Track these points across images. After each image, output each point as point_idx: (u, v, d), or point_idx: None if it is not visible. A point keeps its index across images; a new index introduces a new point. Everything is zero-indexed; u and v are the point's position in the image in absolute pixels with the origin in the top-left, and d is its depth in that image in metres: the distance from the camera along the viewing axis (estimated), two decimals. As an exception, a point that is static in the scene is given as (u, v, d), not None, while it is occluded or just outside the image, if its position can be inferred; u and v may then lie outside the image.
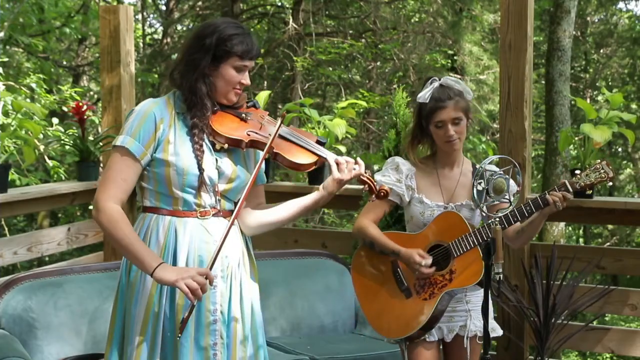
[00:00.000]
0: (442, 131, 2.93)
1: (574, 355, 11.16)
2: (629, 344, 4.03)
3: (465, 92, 2.97)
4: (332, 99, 13.43)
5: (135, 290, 2.44)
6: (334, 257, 4.27)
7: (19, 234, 4.84)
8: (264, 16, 13.57)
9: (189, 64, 2.45)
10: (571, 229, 15.65)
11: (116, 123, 4.93)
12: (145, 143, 2.40)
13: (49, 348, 3.48)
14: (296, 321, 4.05)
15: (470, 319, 3.00)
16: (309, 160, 2.51)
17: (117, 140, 2.42)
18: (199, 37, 2.45)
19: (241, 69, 2.47)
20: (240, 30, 2.46)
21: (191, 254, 2.43)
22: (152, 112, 2.43)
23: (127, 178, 2.41)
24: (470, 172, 3.05)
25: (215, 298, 2.44)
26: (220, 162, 2.48)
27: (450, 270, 2.93)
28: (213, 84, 2.45)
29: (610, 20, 15.79)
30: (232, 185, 2.50)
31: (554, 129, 8.98)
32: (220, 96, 2.48)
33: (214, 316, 2.44)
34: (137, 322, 2.42)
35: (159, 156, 2.41)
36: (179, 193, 2.43)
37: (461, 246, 2.90)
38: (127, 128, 2.42)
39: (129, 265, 2.47)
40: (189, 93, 2.45)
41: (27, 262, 8.81)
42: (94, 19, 10.81)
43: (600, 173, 2.83)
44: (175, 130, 2.44)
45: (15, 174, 6.32)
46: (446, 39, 11.75)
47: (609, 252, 4.22)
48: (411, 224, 3.03)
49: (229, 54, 2.43)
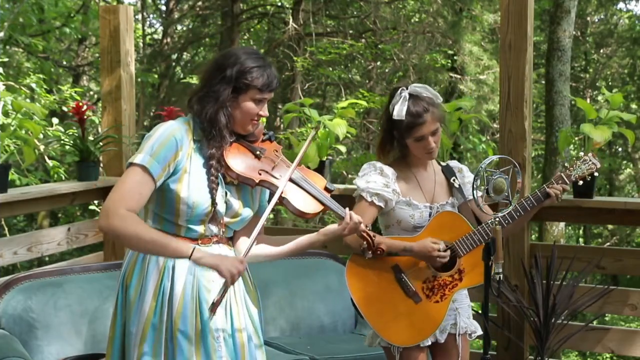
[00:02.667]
0: (422, 144, 2.92)
1: (574, 355, 11.17)
2: (629, 344, 4.02)
3: (435, 97, 2.96)
4: (332, 99, 13.44)
5: (134, 309, 2.42)
6: (334, 257, 4.27)
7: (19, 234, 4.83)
8: (264, 16, 13.57)
9: (210, 94, 2.44)
10: (571, 229, 15.66)
11: (116, 123, 4.93)
12: (164, 165, 2.38)
13: (49, 348, 3.48)
14: (296, 321, 4.05)
15: (459, 316, 3.00)
16: (316, 210, 2.53)
17: (137, 159, 2.38)
18: (220, 68, 2.45)
19: (260, 101, 2.47)
20: (261, 62, 2.46)
21: (189, 280, 2.42)
22: (174, 137, 2.41)
23: (142, 193, 2.38)
24: (440, 170, 3.07)
25: (217, 325, 2.43)
26: (230, 195, 2.48)
27: (459, 270, 2.92)
28: (231, 115, 2.46)
29: (610, 20, 15.80)
30: (236, 220, 2.52)
31: (554, 129, 8.99)
32: (238, 127, 2.49)
33: (217, 342, 2.43)
34: (136, 341, 2.40)
35: (172, 186, 2.40)
36: (184, 223, 2.43)
37: (466, 245, 2.90)
38: (148, 148, 2.39)
39: (126, 283, 2.45)
40: (208, 123, 2.44)
41: (27, 262, 8.81)
42: (94, 19, 10.81)
43: (589, 164, 3.01)
44: (191, 159, 2.43)
45: (15, 174, 6.33)
46: (446, 39, 11.76)
47: (609, 252, 4.22)
48: (396, 229, 2.98)
49: (249, 86, 2.44)
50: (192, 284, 2.42)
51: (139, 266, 2.44)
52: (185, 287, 2.41)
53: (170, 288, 2.41)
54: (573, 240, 15.95)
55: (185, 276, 2.42)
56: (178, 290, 2.41)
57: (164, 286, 2.41)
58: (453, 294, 2.93)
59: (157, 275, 2.41)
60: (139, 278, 2.43)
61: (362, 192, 2.95)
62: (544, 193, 2.92)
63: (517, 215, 2.90)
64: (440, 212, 2.96)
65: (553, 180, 2.97)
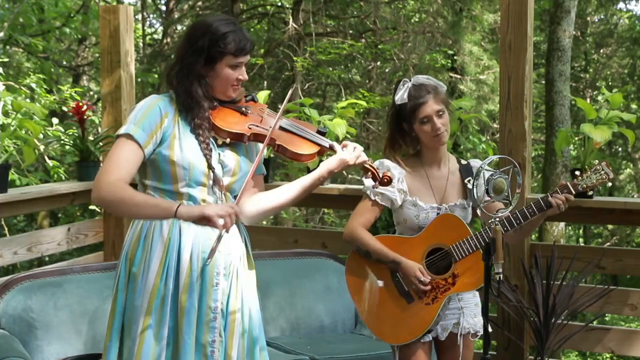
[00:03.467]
0: (429, 126, 2.91)
1: (574, 355, 11.17)
2: (629, 344, 4.02)
3: (439, 85, 2.97)
4: (332, 99, 13.43)
5: (139, 282, 2.42)
6: (334, 257, 4.27)
7: (19, 234, 4.84)
8: (264, 16, 13.56)
9: (184, 67, 2.45)
10: (571, 229, 15.66)
11: (116, 123, 4.93)
12: (150, 132, 2.39)
13: (49, 348, 3.48)
14: (296, 321, 4.05)
15: (463, 316, 3.00)
16: (311, 151, 2.53)
17: (121, 130, 2.41)
18: (191, 39, 2.45)
19: (237, 65, 2.47)
20: (231, 27, 2.45)
21: (195, 250, 2.42)
22: (157, 105, 2.44)
23: (130, 160, 2.38)
24: (457, 169, 3.04)
25: (217, 295, 2.44)
26: (223, 156, 2.49)
27: (453, 274, 2.92)
28: (210, 85, 2.46)
29: (610, 20, 15.79)
30: (235, 179, 2.51)
31: (554, 129, 8.98)
32: (219, 94, 2.50)
33: (214, 313, 2.43)
34: (141, 314, 2.41)
35: (165, 152, 2.41)
36: (184, 189, 2.43)
37: (462, 250, 2.90)
38: (131, 118, 2.42)
39: (130, 259, 2.45)
40: (185, 96, 2.45)
41: (27, 262, 8.81)
42: (94, 19, 10.81)
43: (601, 174, 2.87)
44: (179, 126, 2.44)
45: (15, 174, 6.32)
46: (446, 39, 11.75)
47: (609, 252, 4.22)
48: (404, 227, 3.00)
49: (222, 53, 2.43)
50: (197, 256, 2.42)
51: (142, 241, 2.44)
52: (191, 259, 2.42)
53: (176, 261, 2.41)
54: (573, 240, 15.95)
55: (191, 248, 2.42)
56: (184, 262, 2.41)
57: (169, 259, 2.41)
58: (445, 297, 2.93)
59: (162, 248, 2.41)
60: (143, 252, 2.43)
61: (367, 190, 2.97)
62: (546, 202, 2.84)
63: (518, 222, 2.87)
64: (442, 214, 2.95)
65: (557, 189, 2.88)
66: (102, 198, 2.36)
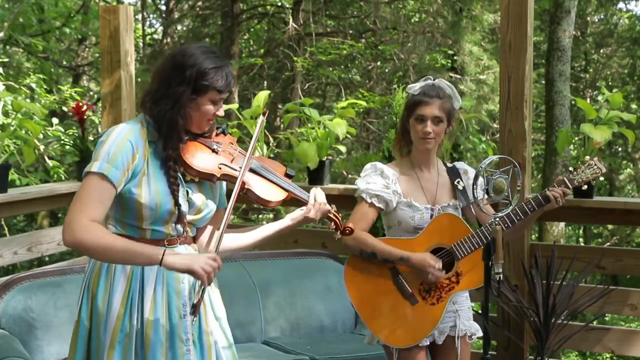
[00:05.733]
0: (420, 126, 2.92)
1: (574, 355, 11.17)
2: (629, 344, 4.02)
3: (455, 98, 2.97)
4: (332, 99, 13.43)
5: (103, 317, 2.37)
6: (334, 257, 4.27)
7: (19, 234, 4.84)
8: (264, 16, 13.57)
9: (168, 95, 2.37)
10: (571, 229, 15.66)
11: (116, 123, 4.92)
12: (123, 170, 2.31)
13: (49, 348, 3.48)
14: (296, 321, 4.05)
15: (459, 318, 3.00)
16: (278, 197, 2.50)
17: (94, 167, 2.29)
18: (179, 67, 2.38)
19: (218, 101, 2.42)
20: (219, 62, 2.40)
21: (159, 282, 2.39)
22: (129, 141, 2.34)
23: (104, 201, 2.29)
24: (444, 171, 3.06)
25: (187, 328, 2.41)
26: (191, 193, 2.44)
27: (457, 273, 2.92)
28: (188, 115, 2.39)
29: (610, 20, 15.79)
30: (200, 216, 2.48)
31: (554, 129, 8.98)
32: (194, 127, 2.43)
33: (187, 345, 2.40)
34: (105, 348, 2.36)
35: (133, 190, 2.34)
36: (148, 226, 2.39)
37: (464, 248, 2.90)
38: (103, 154, 2.31)
39: (92, 291, 2.41)
40: (164, 124, 2.37)
41: (27, 262, 8.81)
42: (94, 19, 10.82)
43: (594, 169, 2.97)
44: (148, 161, 2.38)
45: (15, 174, 6.32)
46: (446, 39, 11.75)
47: (609, 252, 4.22)
48: (397, 229, 2.99)
49: (208, 88, 2.38)
50: (161, 289, 2.39)
51: (104, 274, 2.39)
52: (155, 292, 2.38)
53: (139, 294, 2.37)
54: (573, 240, 15.95)
55: (155, 281, 2.38)
56: (148, 296, 2.37)
57: (132, 293, 2.37)
58: (450, 297, 2.93)
59: (124, 282, 2.37)
60: (105, 286, 2.38)
61: (362, 194, 2.96)
62: (544, 196, 2.88)
63: (518, 218, 2.88)
64: (441, 213, 2.95)
65: (555, 183, 2.93)
66: (79, 241, 2.24)
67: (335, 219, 2.58)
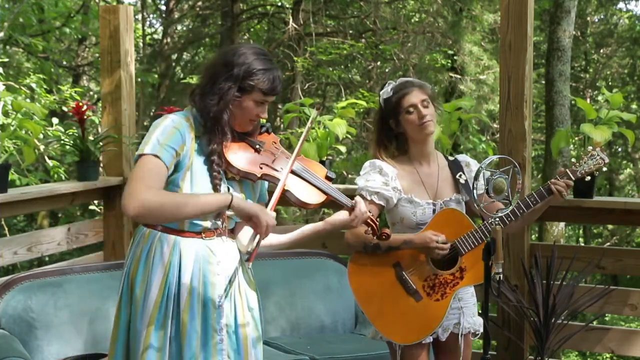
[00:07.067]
0: (415, 115, 2.92)
1: (574, 355, 11.17)
2: (629, 344, 4.03)
3: (425, 84, 3.01)
4: (332, 99, 13.43)
5: (140, 304, 2.41)
6: (334, 257, 4.28)
7: (19, 234, 4.83)
8: (264, 16, 13.57)
9: (215, 90, 2.42)
10: (571, 229, 15.66)
11: (116, 123, 4.93)
12: (173, 154, 2.37)
13: (49, 348, 3.48)
14: (296, 321, 4.05)
15: (463, 316, 2.99)
16: (317, 200, 2.53)
17: (146, 149, 2.35)
18: (228, 65, 2.43)
19: (262, 103, 2.46)
20: (268, 65, 2.45)
21: (195, 274, 2.42)
22: (179, 131, 2.39)
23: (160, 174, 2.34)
24: (446, 165, 3.05)
25: (221, 317, 2.44)
26: (232, 190, 2.47)
27: (460, 268, 2.92)
28: (232, 113, 2.44)
29: (610, 20, 15.79)
30: None
31: (554, 129, 8.97)
32: (236, 125, 2.48)
33: (220, 335, 2.43)
34: (142, 335, 2.40)
35: (176, 184, 2.39)
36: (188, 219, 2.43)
37: (468, 243, 2.89)
38: (154, 139, 2.36)
39: (132, 279, 2.44)
40: (210, 119, 2.42)
41: (27, 262, 8.81)
42: (94, 19, 10.81)
43: (596, 159, 2.92)
44: (194, 157, 2.42)
45: (15, 174, 6.32)
46: (446, 39, 11.75)
47: (609, 252, 4.22)
48: (400, 226, 2.98)
49: (254, 88, 2.42)
50: (198, 279, 2.42)
51: (143, 263, 2.43)
52: (192, 282, 2.41)
53: (176, 284, 2.40)
54: (573, 240, 15.95)
55: (192, 271, 2.41)
56: (185, 286, 2.41)
57: (169, 282, 2.40)
58: (454, 292, 2.92)
59: (162, 271, 2.41)
60: (144, 274, 2.42)
61: (362, 191, 2.96)
62: (547, 189, 2.87)
63: (520, 212, 2.87)
64: (443, 208, 2.95)
65: (557, 175, 2.91)
66: (143, 204, 2.28)
67: (373, 224, 2.62)
